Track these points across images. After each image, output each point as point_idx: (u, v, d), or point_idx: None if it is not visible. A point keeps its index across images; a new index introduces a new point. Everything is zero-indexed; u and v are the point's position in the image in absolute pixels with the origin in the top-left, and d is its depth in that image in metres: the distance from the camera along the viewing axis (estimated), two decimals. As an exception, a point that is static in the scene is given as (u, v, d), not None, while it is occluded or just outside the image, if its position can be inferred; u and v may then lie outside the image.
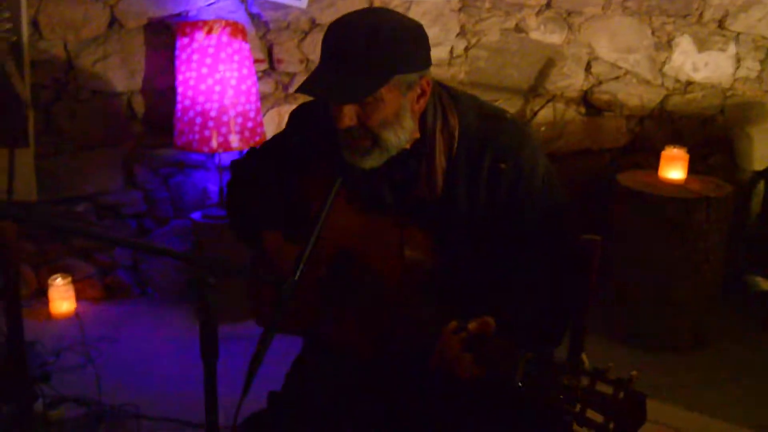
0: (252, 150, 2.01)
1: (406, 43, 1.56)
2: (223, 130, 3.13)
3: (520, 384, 1.37)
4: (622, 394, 1.29)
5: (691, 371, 3.17)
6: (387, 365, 1.68)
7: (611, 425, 1.29)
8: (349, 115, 1.58)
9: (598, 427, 1.29)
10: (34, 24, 3.23)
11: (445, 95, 1.70)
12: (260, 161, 1.95)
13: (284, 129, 1.92)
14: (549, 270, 1.69)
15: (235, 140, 3.15)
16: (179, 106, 3.18)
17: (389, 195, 1.73)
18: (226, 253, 2.73)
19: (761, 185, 3.85)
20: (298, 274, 1.47)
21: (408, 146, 1.67)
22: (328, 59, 1.57)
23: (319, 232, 1.52)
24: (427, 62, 1.60)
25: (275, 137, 1.97)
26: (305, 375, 1.78)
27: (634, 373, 1.30)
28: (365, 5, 3.47)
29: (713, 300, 3.38)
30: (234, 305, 2.30)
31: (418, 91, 1.61)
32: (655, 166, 3.46)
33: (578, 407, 1.33)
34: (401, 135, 1.63)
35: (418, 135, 1.67)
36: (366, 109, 1.58)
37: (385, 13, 1.62)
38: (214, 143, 3.12)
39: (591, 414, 1.33)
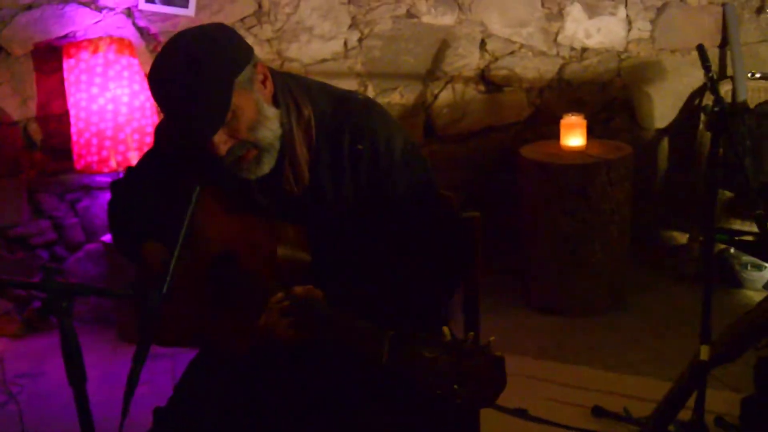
0: (128, 168, 2.02)
1: (222, 47, 1.58)
2: (121, 148, 3.11)
3: (385, 361, 1.40)
4: (482, 360, 1.33)
5: (611, 333, 3.24)
6: (274, 363, 1.70)
7: (473, 393, 1.33)
8: (221, 140, 1.60)
9: (460, 396, 1.33)
10: None
11: (294, 86, 1.73)
12: (136, 179, 1.96)
13: (153, 144, 1.94)
14: (421, 244, 1.73)
15: (134, 157, 3.13)
16: (74, 129, 3.15)
17: (260, 195, 1.75)
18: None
19: (665, 142, 3.95)
20: (165, 287, 1.48)
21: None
22: (170, 109, 1.61)
23: (180, 243, 1.53)
24: (248, 50, 1.64)
25: (147, 153, 1.98)
26: (192, 386, 1.78)
27: (491, 338, 1.34)
28: (253, 8, 3.47)
29: (625, 260, 3.46)
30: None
31: (260, 77, 1.64)
32: (558, 135, 3.53)
33: (444, 379, 1.36)
34: (272, 125, 1.65)
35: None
36: (231, 126, 1.60)
37: (187, 38, 1.63)
38: (113, 162, 3.10)
39: (456, 386, 1.37)
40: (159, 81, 1.60)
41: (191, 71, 1.54)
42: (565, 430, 2.64)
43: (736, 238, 3.34)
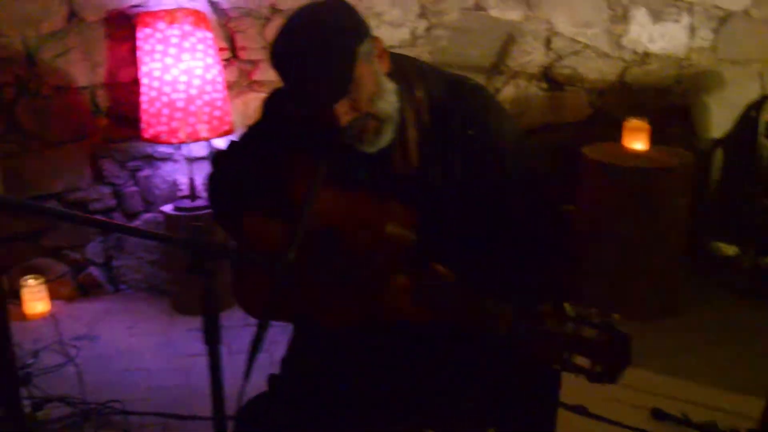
0: (231, 142, 2.02)
1: (344, 18, 1.61)
2: (191, 120, 3.11)
3: (506, 333, 1.42)
4: (606, 337, 1.34)
5: (663, 338, 3.23)
6: (379, 338, 1.72)
7: (598, 368, 1.34)
8: (343, 110, 1.61)
9: (586, 372, 1.34)
10: (-8, 21, 3.18)
11: (408, 67, 1.74)
12: (241, 152, 1.96)
13: (260, 117, 1.94)
14: (533, 229, 1.74)
15: (203, 130, 3.13)
16: (145, 98, 3.15)
17: (364, 172, 1.76)
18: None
19: (719, 153, 3.95)
20: (291, 253, 1.48)
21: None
22: (296, 75, 1.62)
23: (308, 212, 1.53)
24: (366, 25, 1.66)
25: (252, 126, 1.98)
26: (302, 357, 1.80)
27: (616, 315, 1.35)
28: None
29: (679, 267, 3.47)
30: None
31: (377, 52, 1.65)
32: (616, 137, 3.54)
33: (565, 354, 1.37)
34: (390, 98, 1.67)
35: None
36: (352, 96, 1.61)
37: (311, 8, 1.65)
38: (183, 134, 3.10)
39: (578, 360, 1.38)
40: (284, 48, 1.61)
41: (316, 39, 1.56)
42: (625, 429, 2.65)
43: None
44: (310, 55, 1.57)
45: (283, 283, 1.46)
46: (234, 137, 2.22)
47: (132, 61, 3.28)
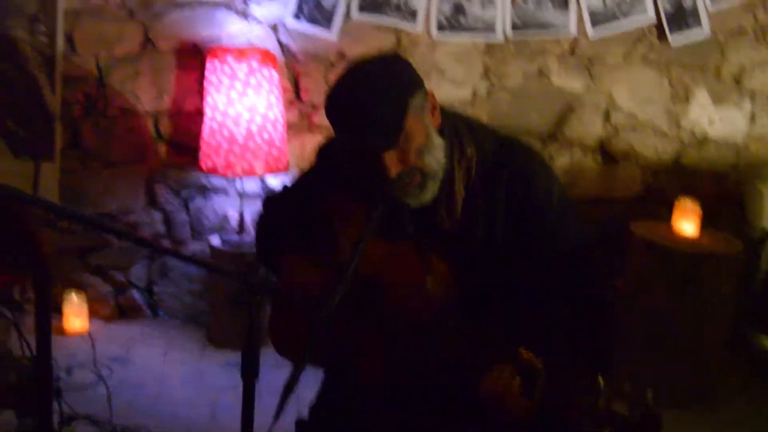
0: (285, 187, 2.06)
1: (398, 70, 1.67)
2: (248, 156, 3.16)
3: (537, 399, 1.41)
4: (638, 414, 1.33)
5: (697, 429, 3.17)
6: (412, 393, 1.71)
7: None
8: (393, 161, 1.64)
9: None
10: (69, 39, 3.27)
11: (461, 125, 1.77)
12: (291, 198, 1.99)
13: (313, 165, 1.97)
14: (573, 294, 1.73)
15: (259, 167, 3.18)
16: (206, 129, 3.21)
17: (410, 225, 1.77)
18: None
19: (771, 244, 3.90)
20: (336, 299, 1.48)
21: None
22: (349, 123, 1.66)
23: (356, 261, 1.54)
24: (420, 78, 1.70)
25: (305, 173, 2.01)
26: (332, 405, 1.80)
27: (649, 393, 1.34)
28: (392, 42, 3.52)
29: (719, 357, 3.40)
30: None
31: (430, 106, 1.69)
32: (666, 217, 3.51)
33: (594, 428, 1.36)
34: (438, 154, 1.69)
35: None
36: (402, 148, 1.64)
37: (367, 60, 1.71)
38: (239, 168, 3.15)
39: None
40: (339, 96, 1.66)
41: (370, 89, 1.62)
42: None
43: None
44: (362, 104, 1.62)
45: (322, 329, 1.46)
46: (287, 181, 2.25)
47: (198, 91, 3.35)
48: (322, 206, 1.90)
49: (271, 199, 2.06)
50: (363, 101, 1.62)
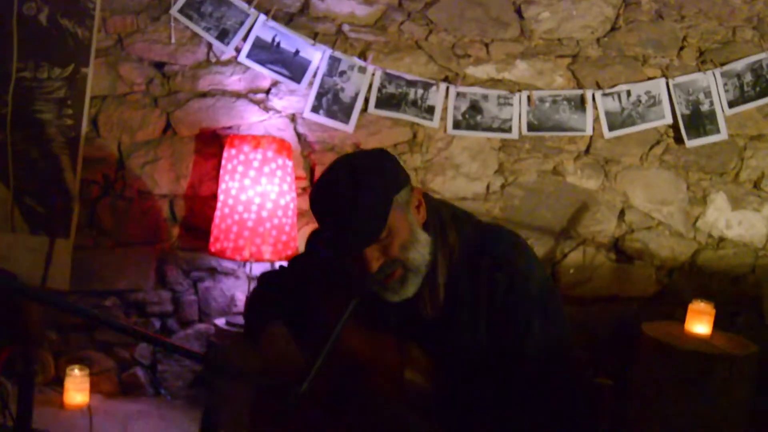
0: (281, 266, 2.10)
1: (383, 166, 1.69)
2: (257, 240, 3.21)
3: None
4: None
5: None
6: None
7: None
8: (374, 256, 1.66)
9: None
10: (94, 122, 3.40)
11: (445, 213, 1.79)
12: (285, 278, 2.03)
13: (305, 250, 2.01)
14: (548, 399, 1.70)
15: (267, 251, 3.22)
16: (218, 213, 3.28)
17: (393, 314, 1.77)
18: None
19: (790, 350, 3.79)
20: (306, 385, 1.49)
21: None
22: (330, 218, 1.68)
23: (330, 348, 1.55)
24: (406, 174, 1.72)
25: (298, 257, 2.05)
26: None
27: None
28: (407, 136, 3.60)
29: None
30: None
31: (415, 202, 1.70)
32: (682, 318, 3.45)
33: None
34: (422, 249, 1.70)
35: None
36: (385, 243, 1.66)
37: (352, 155, 1.74)
38: (247, 252, 3.19)
39: None
40: (322, 191, 1.69)
41: (353, 185, 1.63)
42: None
43: None
44: (344, 203, 1.63)
45: (291, 413, 1.46)
46: (284, 262, 2.28)
47: (214, 177, 3.44)
48: (309, 290, 1.92)
49: (265, 276, 2.10)
50: (345, 199, 1.63)
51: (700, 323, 3.37)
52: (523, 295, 1.73)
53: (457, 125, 3.61)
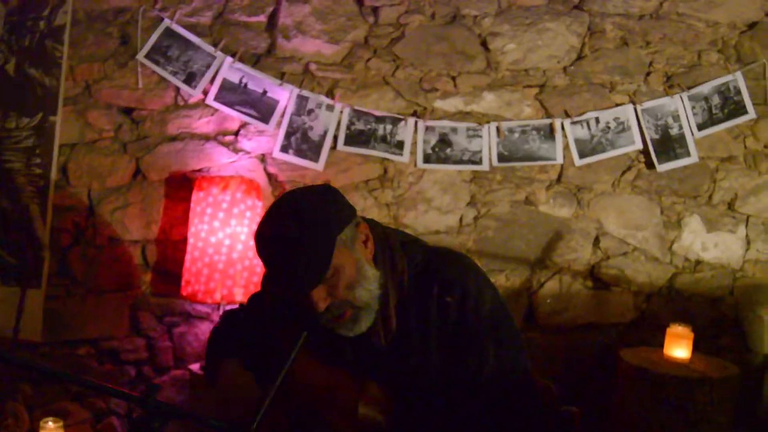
0: (241, 304, 2.09)
1: (325, 205, 1.67)
2: (228, 283, 3.19)
3: None
4: None
5: None
6: None
7: None
8: (320, 297, 1.65)
9: None
10: (63, 170, 3.40)
11: (394, 241, 1.78)
12: (244, 315, 2.02)
13: (261, 286, 2.01)
14: (502, 408, 1.68)
15: (239, 293, 3.20)
16: (188, 257, 3.26)
17: (348, 347, 1.76)
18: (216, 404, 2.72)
19: (774, 371, 3.77)
20: (255, 425, 1.47)
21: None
22: (272, 263, 1.66)
23: (280, 383, 1.53)
24: (352, 210, 1.70)
25: (255, 294, 2.05)
26: None
27: None
28: (378, 172, 3.60)
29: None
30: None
31: (362, 237, 1.69)
32: (661, 343, 3.43)
33: None
34: (370, 286, 1.69)
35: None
36: (330, 283, 1.65)
37: (294, 195, 1.73)
38: (218, 295, 3.17)
39: None
40: (263, 235, 1.68)
41: (295, 226, 1.62)
42: None
43: None
44: (285, 244, 1.62)
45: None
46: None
47: (185, 220, 3.43)
48: (266, 326, 1.91)
49: (226, 314, 2.09)
50: (287, 241, 1.62)
51: (678, 347, 3.36)
52: (474, 318, 1.72)
53: (427, 159, 3.62)
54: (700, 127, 3.77)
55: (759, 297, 3.80)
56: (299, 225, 1.62)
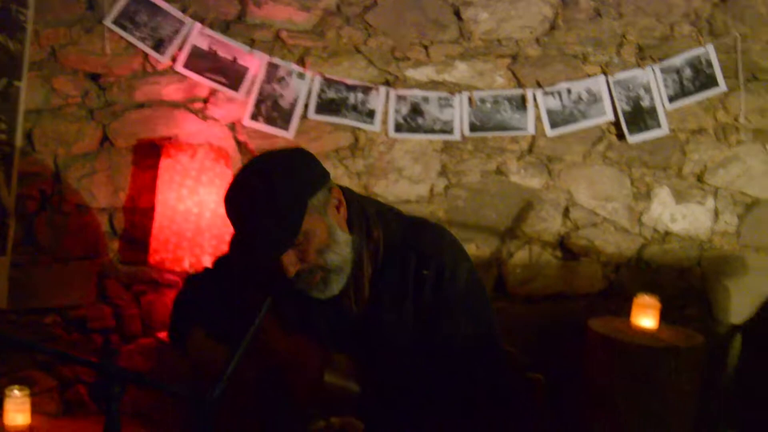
0: (206, 268, 2.07)
1: (297, 170, 1.64)
2: (197, 251, 3.16)
3: None
4: None
5: None
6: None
7: None
8: (291, 262, 1.63)
9: None
10: (29, 137, 3.34)
11: (370, 209, 1.77)
12: (209, 279, 1.99)
13: (228, 250, 1.98)
14: (473, 378, 1.69)
15: (207, 261, 3.17)
16: (156, 225, 3.23)
17: (319, 313, 1.75)
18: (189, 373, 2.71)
19: (738, 339, 3.82)
20: (218, 389, 1.46)
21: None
22: (242, 227, 1.64)
23: (242, 350, 1.52)
24: (324, 174, 1.68)
25: (221, 257, 2.02)
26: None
27: None
28: (349, 140, 3.58)
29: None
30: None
31: (335, 203, 1.67)
32: (629, 313, 3.46)
33: None
34: (342, 250, 1.67)
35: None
36: (301, 248, 1.63)
37: (265, 159, 1.70)
38: (186, 263, 3.15)
39: None
40: (233, 197, 1.65)
41: (265, 190, 1.59)
42: None
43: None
44: (255, 209, 1.59)
45: (205, 421, 1.43)
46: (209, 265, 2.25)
47: (153, 188, 3.39)
48: (232, 291, 1.89)
49: (190, 279, 2.06)
50: (257, 206, 1.59)
51: (646, 317, 3.39)
52: (449, 291, 1.72)
53: (398, 128, 3.60)
54: (671, 99, 3.78)
55: (726, 268, 3.84)
56: (270, 188, 1.59)
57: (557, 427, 3.38)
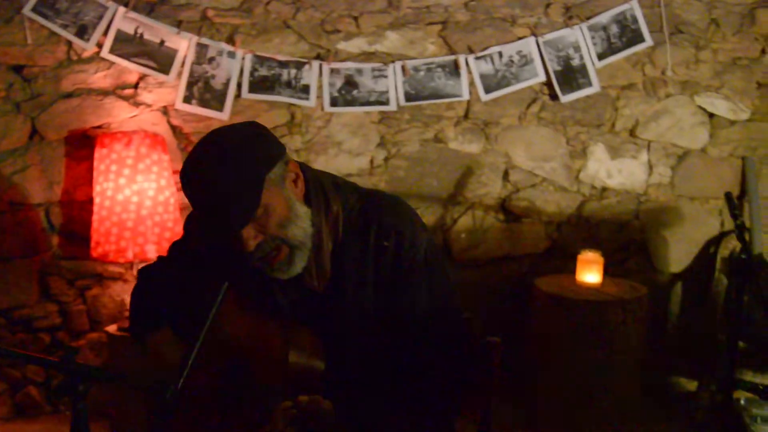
0: (159, 257, 2.03)
1: (253, 143, 1.62)
2: (140, 240, 3.11)
3: None
4: None
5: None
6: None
7: None
8: (250, 236, 1.61)
9: None
10: (-47, 138, 3.23)
11: (327, 183, 1.76)
12: (164, 268, 1.96)
13: (183, 233, 1.95)
14: (436, 347, 1.72)
15: (151, 250, 3.13)
16: (96, 217, 3.16)
17: (281, 294, 1.74)
18: (142, 367, 2.68)
19: (679, 287, 3.94)
20: (180, 382, 1.44)
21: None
22: (200, 202, 1.62)
23: (202, 339, 1.51)
24: (281, 147, 1.67)
25: (175, 243, 1.98)
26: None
27: None
28: (286, 117, 3.55)
29: (634, 402, 3.39)
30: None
31: (292, 176, 1.66)
32: (574, 270, 3.54)
33: None
34: (303, 223, 1.66)
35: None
36: (261, 222, 1.61)
37: (220, 133, 1.67)
38: (130, 254, 3.10)
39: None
40: (190, 173, 1.62)
41: (222, 165, 1.57)
42: None
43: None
44: (213, 183, 1.57)
45: (168, 412, 1.41)
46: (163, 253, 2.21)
47: (89, 180, 3.32)
48: (189, 277, 1.86)
49: (145, 270, 2.02)
50: (215, 180, 1.57)
51: (590, 272, 3.46)
52: (410, 262, 1.73)
53: (334, 102, 3.58)
54: (600, 57, 3.83)
55: (663, 219, 3.94)
56: (226, 164, 1.57)
57: (506, 384, 3.45)
